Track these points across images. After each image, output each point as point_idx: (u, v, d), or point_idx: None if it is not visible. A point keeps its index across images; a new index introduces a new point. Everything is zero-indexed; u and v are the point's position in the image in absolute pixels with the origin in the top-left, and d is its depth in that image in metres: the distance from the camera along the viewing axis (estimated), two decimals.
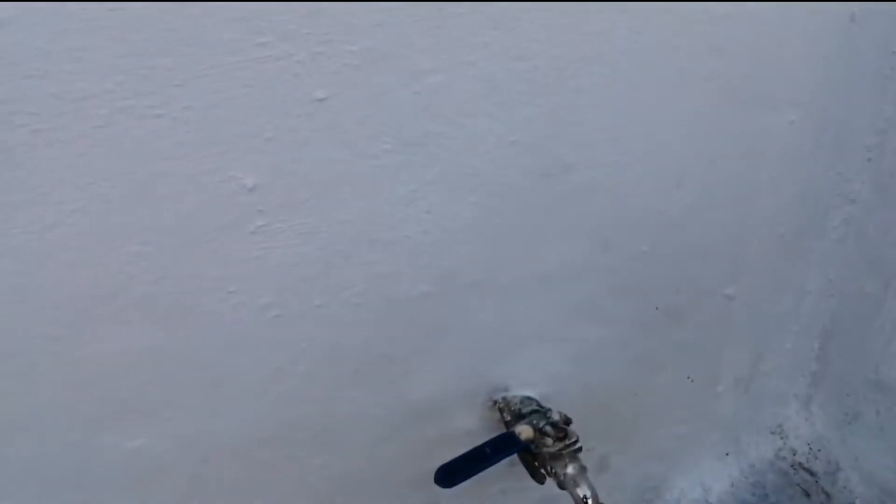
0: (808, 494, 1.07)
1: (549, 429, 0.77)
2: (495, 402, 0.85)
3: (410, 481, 0.89)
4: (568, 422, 0.81)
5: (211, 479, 0.75)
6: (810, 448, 1.13)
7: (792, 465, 1.12)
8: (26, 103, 0.48)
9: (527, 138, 0.68)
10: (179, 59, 0.51)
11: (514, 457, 0.83)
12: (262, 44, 0.53)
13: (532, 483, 0.84)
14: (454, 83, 0.62)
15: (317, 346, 0.71)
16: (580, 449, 0.78)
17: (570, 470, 0.78)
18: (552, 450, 0.78)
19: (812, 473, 1.10)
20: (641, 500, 1.09)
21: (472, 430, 0.87)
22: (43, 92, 0.48)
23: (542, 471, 0.79)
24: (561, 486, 0.77)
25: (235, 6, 0.51)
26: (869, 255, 0.93)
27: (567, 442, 0.77)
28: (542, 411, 0.82)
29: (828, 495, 1.07)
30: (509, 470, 0.93)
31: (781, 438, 1.14)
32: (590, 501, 0.74)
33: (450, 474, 0.75)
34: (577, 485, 0.76)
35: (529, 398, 0.85)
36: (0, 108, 0.47)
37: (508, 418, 0.82)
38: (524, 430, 0.79)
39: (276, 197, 0.60)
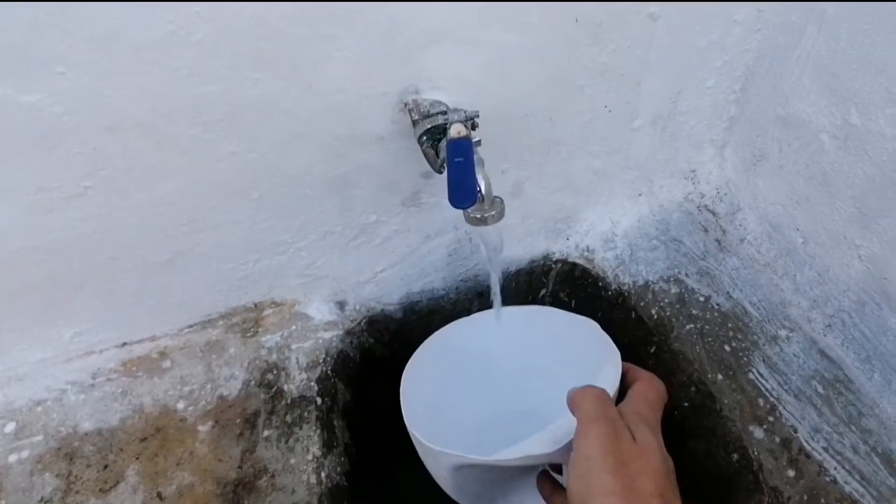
0: (706, 230, 1.16)
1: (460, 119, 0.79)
2: (405, 104, 0.86)
3: (325, 183, 0.93)
4: (475, 120, 0.83)
5: (119, 153, 0.78)
6: (717, 192, 1.20)
7: (698, 207, 1.20)
8: None
9: None
10: None
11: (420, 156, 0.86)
12: None
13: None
14: None
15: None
16: (479, 142, 0.81)
17: None
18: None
19: (714, 214, 1.18)
20: (554, 228, 1.17)
21: (383, 134, 0.89)
22: None
23: (440, 160, 0.82)
24: None
25: None
26: None
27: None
28: (449, 111, 0.84)
29: (724, 231, 1.15)
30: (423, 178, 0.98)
31: (693, 183, 1.21)
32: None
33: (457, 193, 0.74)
34: None
35: (439, 101, 0.86)
36: None
37: (416, 118, 0.84)
38: (455, 128, 0.80)
39: None
